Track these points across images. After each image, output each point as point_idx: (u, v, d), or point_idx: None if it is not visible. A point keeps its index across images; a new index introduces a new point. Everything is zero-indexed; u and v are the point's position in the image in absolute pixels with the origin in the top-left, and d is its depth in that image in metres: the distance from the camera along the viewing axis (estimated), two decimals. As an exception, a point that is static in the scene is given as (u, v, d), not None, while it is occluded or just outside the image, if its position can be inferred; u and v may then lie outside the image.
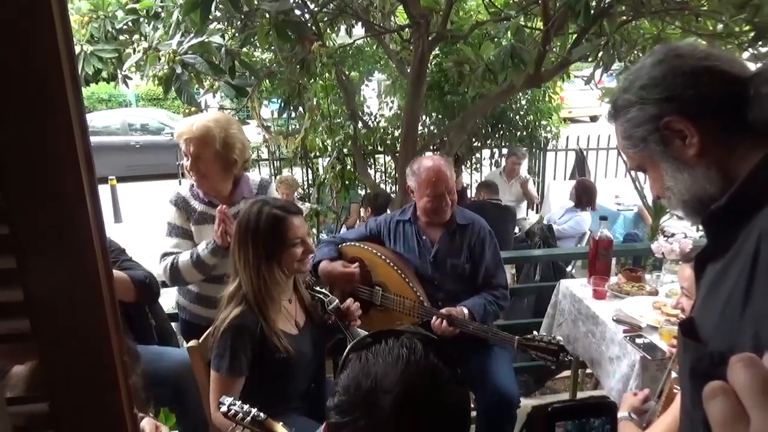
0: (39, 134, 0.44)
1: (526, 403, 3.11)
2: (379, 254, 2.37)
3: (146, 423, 1.50)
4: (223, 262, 2.08)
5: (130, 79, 3.68)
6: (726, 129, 0.86)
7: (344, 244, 2.48)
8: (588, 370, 3.24)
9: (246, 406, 1.48)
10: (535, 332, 2.10)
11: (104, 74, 3.56)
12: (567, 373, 3.24)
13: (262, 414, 1.47)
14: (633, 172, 5.05)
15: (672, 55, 0.91)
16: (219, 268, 2.12)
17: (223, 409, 1.49)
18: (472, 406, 2.36)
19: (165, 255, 2.15)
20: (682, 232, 3.08)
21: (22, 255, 0.46)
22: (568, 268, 4.46)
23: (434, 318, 2.17)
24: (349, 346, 0.89)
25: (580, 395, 2.97)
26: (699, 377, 0.86)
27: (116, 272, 1.97)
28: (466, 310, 2.22)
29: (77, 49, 2.92)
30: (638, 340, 2.09)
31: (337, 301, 1.95)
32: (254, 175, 2.45)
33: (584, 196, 5.00)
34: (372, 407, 0.78)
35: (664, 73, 0.90)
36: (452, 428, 0.82)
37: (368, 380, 0.80)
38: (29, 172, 0.45)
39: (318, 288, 2.01)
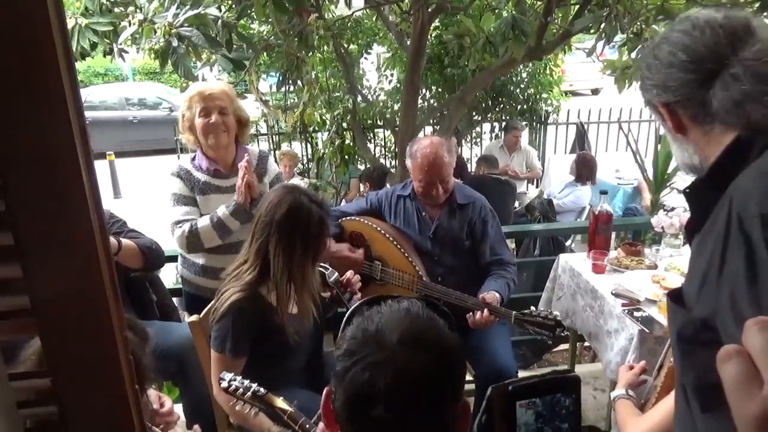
0: (33, 112, 0.44)
1: (524, 376, 3.15)
2: (378, 229, 2.37)
3: (151, 395, 1.52)
4: (241, 229, 2.11)
5: (126, 52, 3.62)
6: (697, 116, 0.95)
7: (344, 219, 2.48)
8: (586, 344, 3.28)
9: (246, 382, 1.50)
10: (532, 307, 2.11)
11: (100, 48, 3.51)
12: (565, 346, 3.27)
13: (262, 389, 1.48)
14: (634, 146, 5.03)
15: (674, 36, 0.96)
16: (235, 235, 2.14)
17: (224, 384, 1.50)
18: (470, 379, 2.39)
19: (178, 222, 2.16)
20: (682, 207, 3.07)
21: (20, 232, 0.46)
22: (568, 243, 4.47)
23: (475, 313, 2.12)
24: (350, 310, 0.95)
25: (578, 368, 3.00)
26: (685, 343, 0.93)
27: (123, 240, 2.00)
28: (497, 295, 2.19)
29: (71, 22, 2.88)
30: (636, 314, 2.11)
31: (336, 273, 1.95)
32: (252, 147, 2.46)
33: (584, 170, 4.99)
34: (380, 343, 0.86)
35: (659, 58, 0.98)
36: (455, 368, 0.88)
37: (373, 325, 0.89)
38: (24, 151, 0.44)
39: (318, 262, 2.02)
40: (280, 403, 1.47)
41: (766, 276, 0.77)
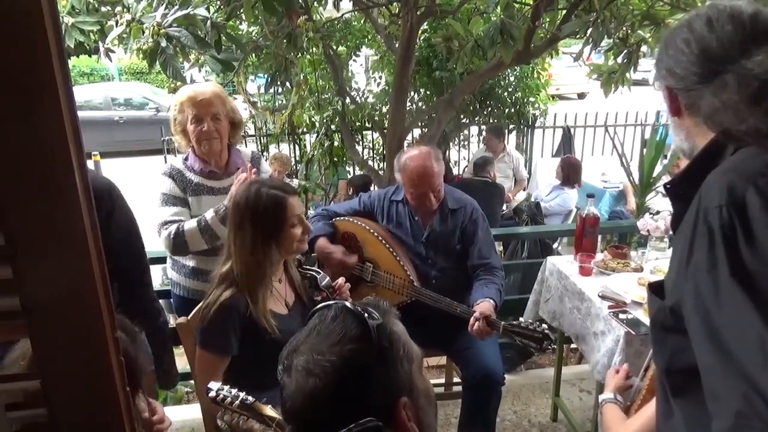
0: (26, 110, 0.43)
1: (511, 379, 3.17)
2: (371, 231, 2.37)
3: (141, 402, 1.49)
4: None
5: (113, 52, 3.59)
6: (692, 107, 0.97)
7: (337, 219, 2.47)
8: (573, 345, 3.30)
9: (234, 391, 1.47)
10: (521, 318, 2.11)
11: (86, 46, 3.48)
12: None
13: (250, 398, 1.47)
14: (620, 150, 5.07)
15: (697, 24, 0.96)
16: (223, 238, 2.11)
17: (212, 394, 1.47)
18: (458, 381, 2.39)
19: (166, 223, 2.13)
20: (667, 210, 3.10)
21: (11, 232, 0.45)
22: (555, 245, 4.50)
23: (472, 320, 2.11)
24: (311, 310, 1.01)
25: (565, 370, 3.02)
26: (657, 329, 1.00)
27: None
28: (492, 302, 2.18)
29: (58, 20, 2.84)
30: (622, 316, 2.12)
31: (328, 278, 1.95)
32: (244, 149, 2.44)
33: (570, 173, 5.03)
34: (288, 369, 0.94)
35: (676, 42, 0.98)
36: (349, 384, 0.88)
37: (290, 344, 0.96)
38: (16, 149, 0.44)
39: (308, 266, 2.02)
40: (268, 411, 1.45)
41: (722, 262, 0.81)
